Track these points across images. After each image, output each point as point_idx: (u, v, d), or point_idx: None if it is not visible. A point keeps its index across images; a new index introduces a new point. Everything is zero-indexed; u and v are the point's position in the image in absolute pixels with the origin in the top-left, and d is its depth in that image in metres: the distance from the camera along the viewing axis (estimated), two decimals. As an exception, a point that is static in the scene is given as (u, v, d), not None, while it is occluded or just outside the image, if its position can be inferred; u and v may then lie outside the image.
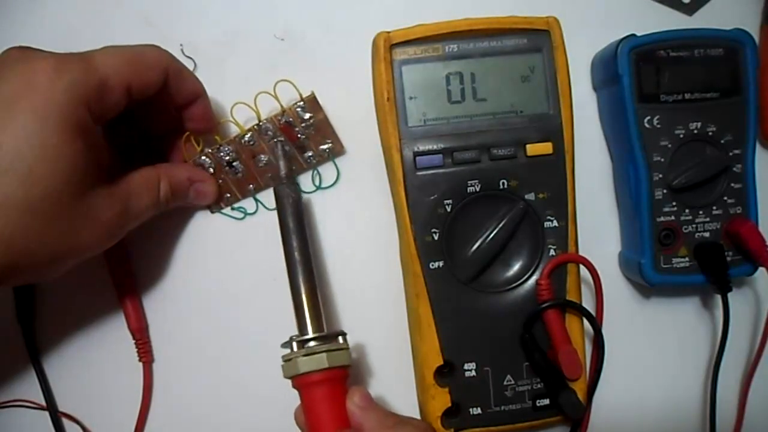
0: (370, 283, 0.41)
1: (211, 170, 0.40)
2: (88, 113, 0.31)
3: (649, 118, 0.39)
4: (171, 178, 0.37)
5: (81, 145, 0.31)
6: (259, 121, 0.39)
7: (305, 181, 0.41)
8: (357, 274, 0.41)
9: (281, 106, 0.39)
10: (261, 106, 0.39)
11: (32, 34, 0.41)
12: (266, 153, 0.40)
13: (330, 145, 0.40)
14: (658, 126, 0.39)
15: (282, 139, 0.39)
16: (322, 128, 0.40)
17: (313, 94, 0.39)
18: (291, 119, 0.40)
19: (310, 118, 0.40)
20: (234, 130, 0.40)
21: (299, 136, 0.40)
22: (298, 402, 0.35)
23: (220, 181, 0.40)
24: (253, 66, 0.41)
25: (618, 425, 0.42)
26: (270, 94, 0.39)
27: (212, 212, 0.41)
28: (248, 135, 0.40)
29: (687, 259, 0.40)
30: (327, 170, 0.41)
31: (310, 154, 0.41)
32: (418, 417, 0.40)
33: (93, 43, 0.42)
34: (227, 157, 0.40)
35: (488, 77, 0.38)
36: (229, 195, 0.41)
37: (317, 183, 0.41)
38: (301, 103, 0.39)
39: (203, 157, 0.40)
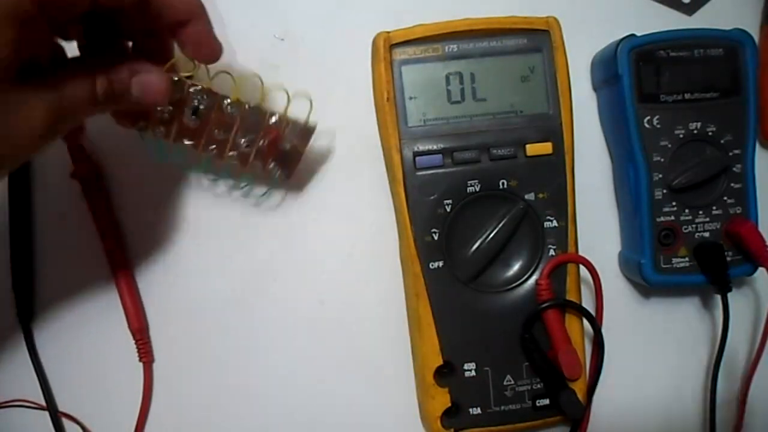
0: (370, 283, 0.41)
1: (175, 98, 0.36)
2: (34, 4, 0.29)
3: (649, 118, 0.39)
4: (109, 72, 0.33)
5: (19, 35, 0.29)
6: (250, 105, 0.37)
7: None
8: (357, 274, 0.41)
9: (284, 114, 0.37)
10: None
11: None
12: (231, 131, 0.37)
13: (281, 171, 0.38)
14: (658, 126, 0.39)
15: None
16: (293, 156, 0.38)
17: (314, 125, 0.38)
18: (281, 126, 0.37)
19: (292, 142, 0.38)
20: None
21: (276, 144, 0.37)
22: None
23: (167, 114, 0.36)
24: (253, 66, 0.41)
25: (618, 425, 0.42)
26: (285, 92, 0.37)
27: (142, 137, 0.37)
28: (232, 106, 0.36)
29: (687, 259, 0.40)
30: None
31: (260, 164, 0.38)
32: (418, 417, 0.40)
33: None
34: (197, 103, 0.36)
35: (488, 77, 0.38)
36: (163, 129, 0.37)
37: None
38: (300, 124, 0.37)
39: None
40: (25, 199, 0.40)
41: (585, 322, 0.39)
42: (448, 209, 0.38)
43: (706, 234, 0.40)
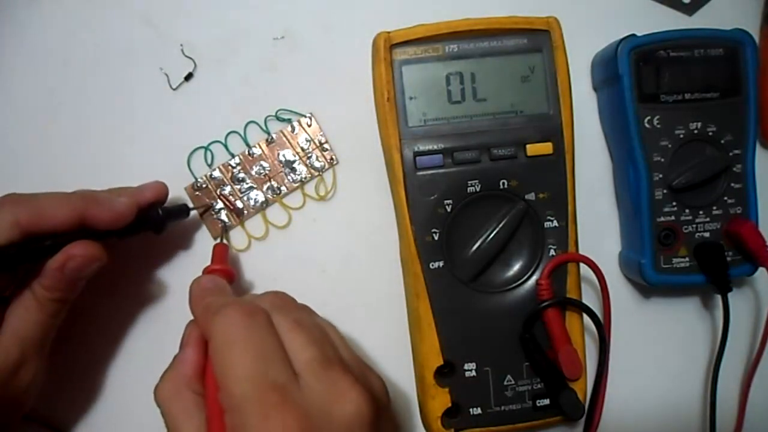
0: (370, 283, 0.41)
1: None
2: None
3: (649, 118, 0.39)
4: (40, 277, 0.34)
5: None
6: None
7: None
8: (357, 274, 0.41)
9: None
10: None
11: (32, 34, 0.41)
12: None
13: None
14: (658, 126, 0.39)
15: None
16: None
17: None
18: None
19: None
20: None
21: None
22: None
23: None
24: (253, 66, 0.41)
25: (618, 425, 0.42)
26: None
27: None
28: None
29: (687, 259, 0.40)
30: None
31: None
32: (418, 417, 0.40)
33: (93, 43, 0.42)
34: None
35: (488, 77, 0.38)
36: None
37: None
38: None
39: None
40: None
41: (585, 322, 0.39)
42: (449, 209, 0.38)
43: (707, 234, 0.40)
